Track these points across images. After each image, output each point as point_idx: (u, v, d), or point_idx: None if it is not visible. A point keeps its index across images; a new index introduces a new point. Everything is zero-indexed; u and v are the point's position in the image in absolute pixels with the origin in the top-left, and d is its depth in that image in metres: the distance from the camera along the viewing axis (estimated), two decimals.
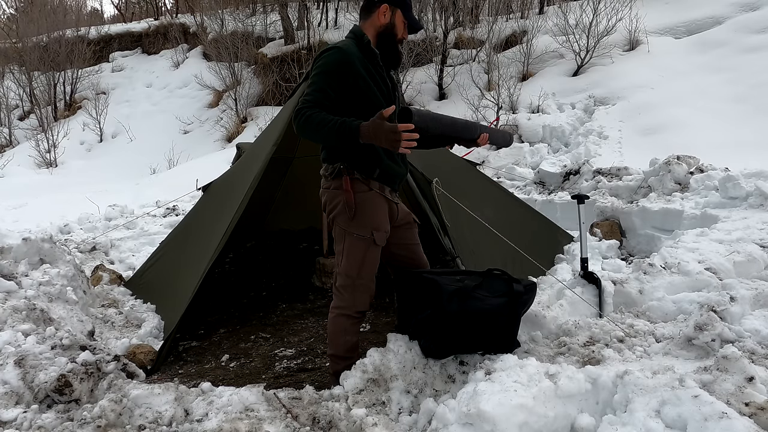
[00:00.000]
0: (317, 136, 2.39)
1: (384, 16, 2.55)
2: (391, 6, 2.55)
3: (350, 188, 2.52)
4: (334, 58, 2.42)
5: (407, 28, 2.63)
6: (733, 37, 10.29)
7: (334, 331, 2.67)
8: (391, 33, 2.58)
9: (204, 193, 4.79)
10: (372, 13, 2.57)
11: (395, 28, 2.58)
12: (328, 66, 2.41)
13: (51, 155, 14.63)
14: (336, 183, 2.57)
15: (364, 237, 2.55)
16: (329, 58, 2.43)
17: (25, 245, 3.90)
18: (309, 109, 2.35)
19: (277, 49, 15.90)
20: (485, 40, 12.83)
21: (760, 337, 2.75)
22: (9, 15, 24.26)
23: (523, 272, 3.57)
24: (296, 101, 2.57)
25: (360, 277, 2.59)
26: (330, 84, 2.40)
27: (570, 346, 2.83)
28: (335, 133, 2.32)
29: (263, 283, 5.22)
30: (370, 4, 2.58)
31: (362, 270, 2.59)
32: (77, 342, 2.91)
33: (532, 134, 9.46)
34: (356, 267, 2.58)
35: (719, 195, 5.01)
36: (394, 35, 2.59)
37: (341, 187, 2.54)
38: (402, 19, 2.59)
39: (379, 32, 2.57)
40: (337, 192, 2.57)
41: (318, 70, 2.43)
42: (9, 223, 7.25)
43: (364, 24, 2.60)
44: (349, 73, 2.43)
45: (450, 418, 2.10)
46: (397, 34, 2.59)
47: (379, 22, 2.56)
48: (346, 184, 2.52)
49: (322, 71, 2.42)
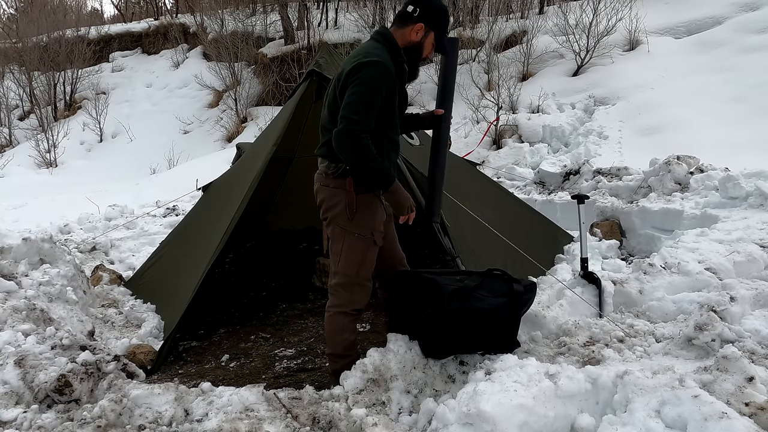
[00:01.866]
0: (356, 164, 2.43)
1: (417, 34, 2.54)
2: (426, 26, 2.53)
3: (353, 189, 2.53)
4: (380, 74, 2.40)
5: (436, 47, 2.62)
6: (733, 37, 10.28)
7: (331, 330, 2.68)
8: (418, 51, 2.57)
9: (204, 193, 4.79)
10: (406, 26, 2.54)
11: (423, 47, 2.57)
12: (376, 82, 2.39)
13: (51, 155, 14.63)
14: (338, 182, 2.57)
15: (364, 237, 2.58)
16: (376, 72, 2.39)
17: (25, 245, 3.90)
18: (364, 135, 2.37)
19: (277, 49, 15.90)
20: (485, 40, 12.82)
21: (760, 337, 2.76)
22: (9, 15, 24.28)
23: (523, 272, 3.57)
24: (332, 95, 2.52)
25: (358, 276, 2.61)
26: (375, 102, 2.40)
27: (570, 346, 2.83)
28: (374, 175, 2.44)
29: (263, 283, 5.22)
30: (408, 16, 2.54)
31: (361, 269, 2.61)
32: (77, 342, 2.91)
33: (532, 134, 9.46)
34: (355, 266, 2.60)
35: (719, 195, 5.00)
36: (420, 53, 2.58)
37: (343, 187, 2.56)
38: (432, 41, 2.58)
39: (406, 46, 2.55)
40: (337, 191, 2.57)
41: (365, 86, 2.38)
42: (9, 223, 7.24)
43: (395, 32, 2.56)
44: (388, 89, 2.43)
45: (450, 418, 2.10)
46: (423, 53, 2.59)
47: (410, 38, 2.54)
48: (350, 185, 2.53)
49: (370, 88, 2.38)
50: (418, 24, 2.52)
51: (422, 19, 2.51)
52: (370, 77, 2.38)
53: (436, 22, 2.55)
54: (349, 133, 2.36)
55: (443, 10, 2.59)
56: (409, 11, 2.53)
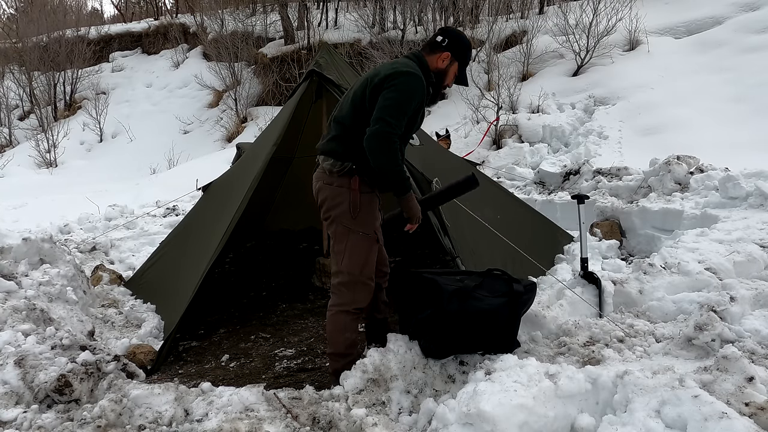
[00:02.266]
0: (384, 166, 2.51)
1: (443, 61, 2.71)
2: (452, 56, 2.71)
3: (357, 188, 2.60)
4: (417, 85, 2.53)
5: (457, 78, 2.78)
6: (733, 37, 10.29)
7: (333, 329, 2.71)
8: (441, 77, 2.73)
9: (204, 193, 4.79)
10: (434, 54, 2.71)
11: (446, 76, 2.74)
12: (412, 91, 2.52)
13: (51, 155, 14.64)
14: (342, 181, 2.62)
15: (368, 235, 2.63)
16: (413, 82, 2.52)
17: (25, 245, 3.90)
18: (397, 139, 2.48)
19: (277, 49, 15.91)
20: (485, 40, 12.82)
21: (760, 337, 2.76)
22: (9, 15, 24.28)
23: (523, 272, 3.57)
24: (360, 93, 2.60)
25: (362, 275, 2.65)
26: (408, 111, 2.53)
27: (570, 346, 2.83)
28: (397, 181, 2.56)
29: (263, 283, 5.22)
30: (436, 45, 2.71)
31: (365, 268, 2.65)
32: (77, 342, 2.91)
33: (532, 134, 9.46)
34: (359, 265, 2.64)
35: (719, 195, 5.00)
36: (443, 80, 2.74)
37: (347, 186, 2.60)
38: (455, 71, 2.75)
39: (433, 71, 2.71)
40: (341, 190, 2.61)
41: (403, 93, 2.50)
42: (9, 223, 7.24)
43: (425, 56, 2.71)
44: (418, 102, 2.57)
45: (450, 418, 2.10)
46: (445, 80, 2.75)
47: (437, 65, 2.71)
48: (355, 184, 2.60)
49: (407, 96, 2.51)
50: (445, 53, 2.70)
51: (449, 48, 2.70)
52: (408, 86, 2.51)
53: (461, 53, 2.73)
54: (384, 135, 2.46)
55: (468, 44, 2.78)
56: (438, 41, 2.72)
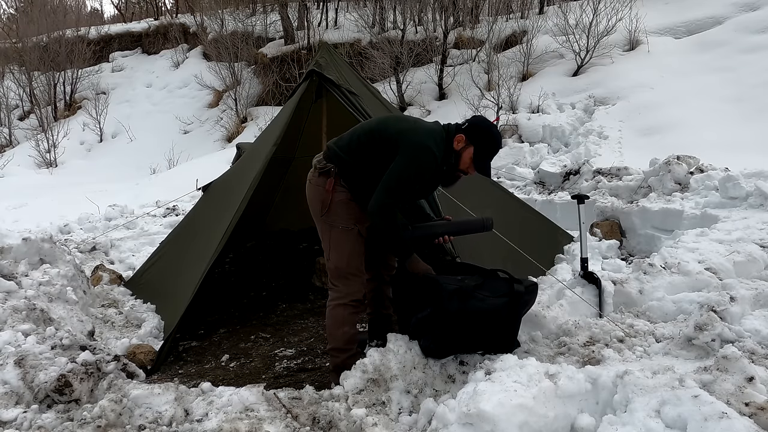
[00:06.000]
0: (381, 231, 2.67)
1: (458, 143, 2.70)
2: (467, 139, 2.69)
3: (331, 189, 2.70)
4: (429, 165, 2.60)
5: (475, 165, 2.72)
6: (733, 37, 10.28)
7: (332, 324, 2.78)
8: (458, 159, 2.71)
9: (204, 193, 4.79)
10: (457, 133, 2.71)
11: (460, 159, 2.70)
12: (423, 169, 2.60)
13: (51, 155, 14.63)
14: (320, 180, 2.75)
15: (348, 228, 2.72)
16: (427, 161, 2.59)
17: (25, 245, 3.90)
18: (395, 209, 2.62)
19: (277, 49, 15.90)
20: (485, 40, 12.82)
21: (760, 337, 2.75)
22: (9, 15, 24.28)
23: (523, 272, 3.56)
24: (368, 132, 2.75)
25: (349, 267, 2.75)
26: (415, 184, 2.63)
27: (570, 346, 2.83)
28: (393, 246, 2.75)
29: (263, 283, 5.22)
30: (459, 126, 2.74)
31: (351, 260, 2.75)
32: (77, 342, 2.91)
33: (532, 134, 9.45)
34: (345, 258, 2.73)
35: (719, 195, 5.00)
36: (458, 163, 2.72)
37: (322, 185, 2.72)
38: (470, 156, 2.70)
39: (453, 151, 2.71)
40: (317, 188, 2.75)
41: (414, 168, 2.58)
42: (9, 223, 7.25)
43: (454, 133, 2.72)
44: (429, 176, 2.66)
45: (450, 418, 2.10)
46: (459, 164, 2.72)
47: (455, 146, 2.71)
48: (329, 185, 2.70)
49: (416, 172, 2.59)
50: (460, 135, 2.70)
51: (465, 131, 2.70)
52: (421, 162, 2.58)
53: (476, 137, 2.68)
54: (384, 207, 2.58)
55: (489, 134, 2.71)
56: (460, 122, 2.77)
